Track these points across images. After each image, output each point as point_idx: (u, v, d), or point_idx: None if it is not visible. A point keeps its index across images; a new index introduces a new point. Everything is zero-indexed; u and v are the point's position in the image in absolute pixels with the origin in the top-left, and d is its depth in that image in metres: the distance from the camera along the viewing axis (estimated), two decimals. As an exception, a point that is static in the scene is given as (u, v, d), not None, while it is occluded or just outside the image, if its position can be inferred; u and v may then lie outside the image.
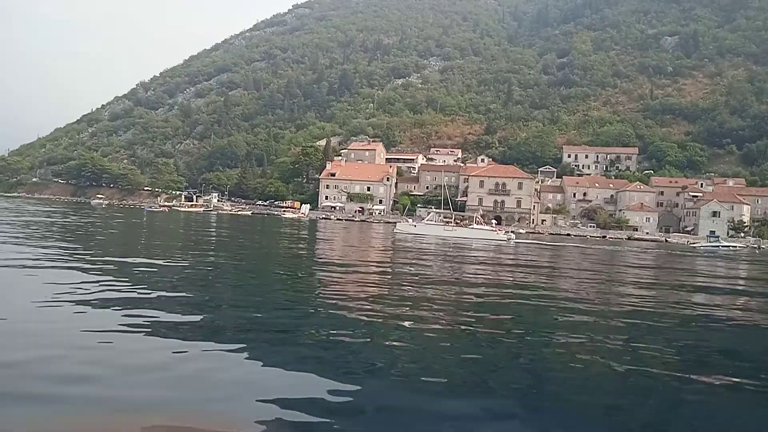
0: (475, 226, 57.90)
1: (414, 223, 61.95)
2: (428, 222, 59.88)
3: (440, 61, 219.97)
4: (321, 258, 23.07)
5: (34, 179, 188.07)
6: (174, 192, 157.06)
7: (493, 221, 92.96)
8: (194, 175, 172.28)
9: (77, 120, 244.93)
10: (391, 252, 29.20)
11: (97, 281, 11.23)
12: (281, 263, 20.46)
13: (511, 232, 61.22)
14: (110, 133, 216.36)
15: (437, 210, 73.51)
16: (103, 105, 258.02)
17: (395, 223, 76.03)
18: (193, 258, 18.89)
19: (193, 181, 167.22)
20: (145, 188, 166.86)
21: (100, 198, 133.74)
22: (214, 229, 43.48)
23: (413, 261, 22.98)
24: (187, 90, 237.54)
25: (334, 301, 10.82)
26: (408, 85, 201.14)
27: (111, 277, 12.06)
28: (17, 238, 21.37)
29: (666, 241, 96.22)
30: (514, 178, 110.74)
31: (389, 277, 16.91)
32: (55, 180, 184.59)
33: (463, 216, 67.34)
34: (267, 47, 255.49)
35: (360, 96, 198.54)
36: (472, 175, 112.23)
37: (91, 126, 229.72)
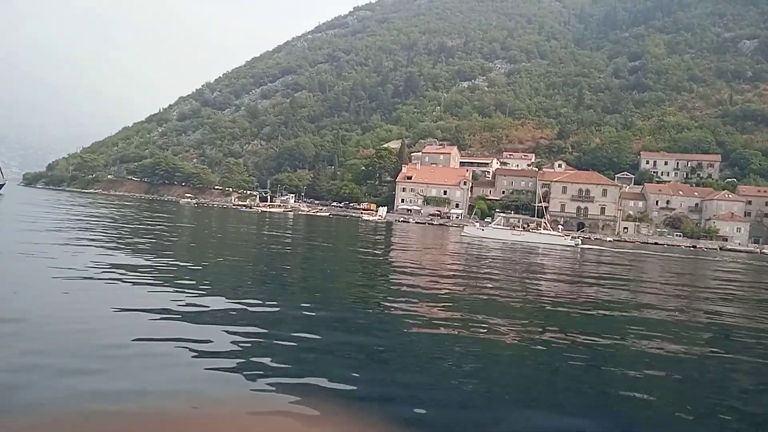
0: (542, 230, 58.19)
1: (481, 227, 63.22)
2: (495, 226, 60.03)
3: (506, 63, 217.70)
4: (408, 267, 22.46)
5: (109, 176, 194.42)
6: (245, 192, 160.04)
7: (565, 227, 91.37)
8: (263, 175, 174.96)
9: (146, 120, 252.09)
10: (465, 259, 28.62)
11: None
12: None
13: (579, 238, 60.46)
14: (179, 133, 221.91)
15: (504, 215, 73.29)
16: (170, 105, 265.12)
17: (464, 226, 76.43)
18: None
19: (263, 181, 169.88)
20: (216, 187, 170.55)
21: (189, 197, 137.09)
22: (317, 232, 43.76)
23: (487, 268, 22.43)
24: (253, 91, 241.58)
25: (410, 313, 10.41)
26: (474, 88, 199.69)
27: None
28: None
29: (761, 252, 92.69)
30: (598, 184, 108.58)
31: (465, 284, 16.28)
32: (129, 177, 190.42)
33: (529, 221, 66.53)
34: (330, 49, 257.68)
35: (426, 99, 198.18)
36: (555, 181, 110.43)
37: (160, 125, 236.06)
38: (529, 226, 61.82)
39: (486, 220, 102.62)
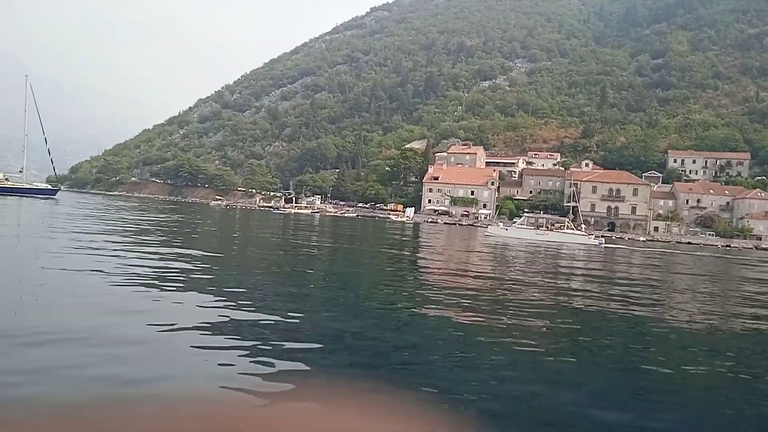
0: (566, 230, 58.04)
1: (505, 227, 62.80)
2: (519, 226, 59.95)
3: (526, 63, 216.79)
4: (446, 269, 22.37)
5: (133, 178, 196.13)
6: (269, 193, 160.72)
7: (596, 227, 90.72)
8: (286, 176, 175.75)
9: (167, 122, 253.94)
10: (501, 259, 28.42)
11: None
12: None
13: (602, 236, 60.35)
14: (200, 135, 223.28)
15: (528, 215, 73.27)
16: (189, 107, 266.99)
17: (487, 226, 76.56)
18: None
19: (285, 182, 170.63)
20: (239, 188, 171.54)
21: (219, 200, 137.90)
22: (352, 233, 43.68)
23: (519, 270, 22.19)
24: (273, 93, 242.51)
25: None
26: (495, 87, 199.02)
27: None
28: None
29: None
30: (629, 184, 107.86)
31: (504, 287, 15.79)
32: (153, 179, 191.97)
33: (553, 221, 66.25)
34: (348, 50, 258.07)
35: (446, 98, 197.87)
36: (584, 180, 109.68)
37: (181, 128, 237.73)
38: (553, 225, 61.92)
39: (513, 220, 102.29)
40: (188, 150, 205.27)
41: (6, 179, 69.06)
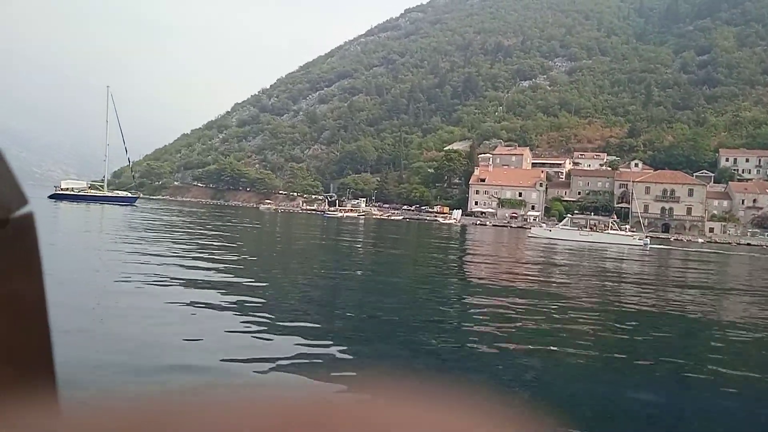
0: (609, 230, 57.68)
1: (549, 228, 63.62)
2: (563, 227, 59.40)
3: (566, 61, 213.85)
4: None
5: (175, 183, 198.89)
6: (311, 196, 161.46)
7: (650, 228, 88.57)
8: (326, 179, 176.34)
9: (206, 126, 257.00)
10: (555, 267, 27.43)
11: None
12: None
13: (647, 237, 59.02)
14: (240, 139, 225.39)
15: (572, 216, 72.09)
16: (227, 112, 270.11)
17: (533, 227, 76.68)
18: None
19: (326, 185, 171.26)
20: (281, 191, 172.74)
21: (269, 203, 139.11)
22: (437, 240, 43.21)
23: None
24: (310, 96, 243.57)
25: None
26: (536, 87, 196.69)
27: None
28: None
29: None
30: (684, 184, 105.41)
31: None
32: (195, 183, 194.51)
33: (597, 221, 64.94)
34: (384, 52, 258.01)
35: (486, 99, 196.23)
36: (637, 181, 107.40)
37: (220, 132, 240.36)
38: (596, 226, 61.15)
39: (556, 222, 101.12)
40: (228, 154, 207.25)
41: (90, 187, 72.07)
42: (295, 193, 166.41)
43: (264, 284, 11.96)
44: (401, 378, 4.93)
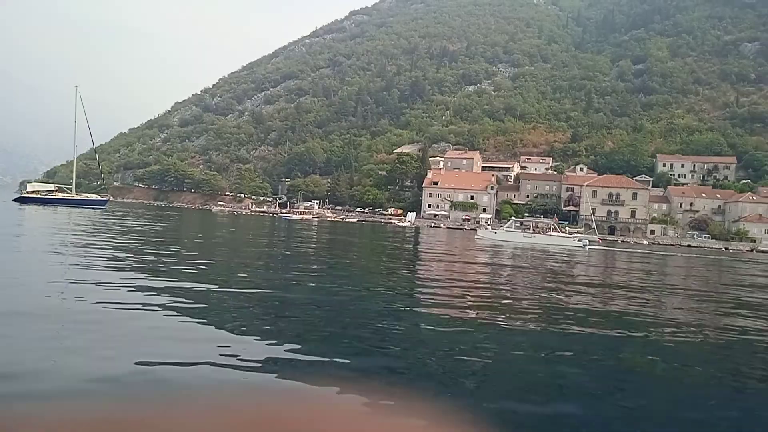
0: (551, 233, 60.21)
1: (494, 230, 65.55)
2: (507, 229, 62.00)
3: (509, 67, 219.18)
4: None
5: (115, 183, 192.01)
6: (258, 198, 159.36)
7: (596, 231, 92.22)
8: (274, 180, 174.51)
9: (146, 125, 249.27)
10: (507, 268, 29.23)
11: None
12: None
13: (587, 239, 62.42)
14: (183, 139, 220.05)
15: (516, 218, 75.13)
16: (168, 111, 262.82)
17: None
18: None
19: (274, 186, 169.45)
20: (227, 193, 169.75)
21: (222, 205, 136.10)
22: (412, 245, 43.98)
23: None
24: (256, 96, 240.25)
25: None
26: (481, 92, 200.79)
27: None
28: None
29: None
30: (628, 188, 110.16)
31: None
32: (137, 184, 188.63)
33: (539, 223, 68.33)
34: (330, 54, 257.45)
35: (433, 103, 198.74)
36: (585, 185, 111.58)
37: (162, 132, 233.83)
38: (539, 228, 63.89)
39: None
40: (171, 154, 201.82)
41: (57, 191, 69.30)
42: (243, 195, 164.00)
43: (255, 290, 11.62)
44: (348, 382, 5.20)
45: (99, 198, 71.76)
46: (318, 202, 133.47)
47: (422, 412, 4.04)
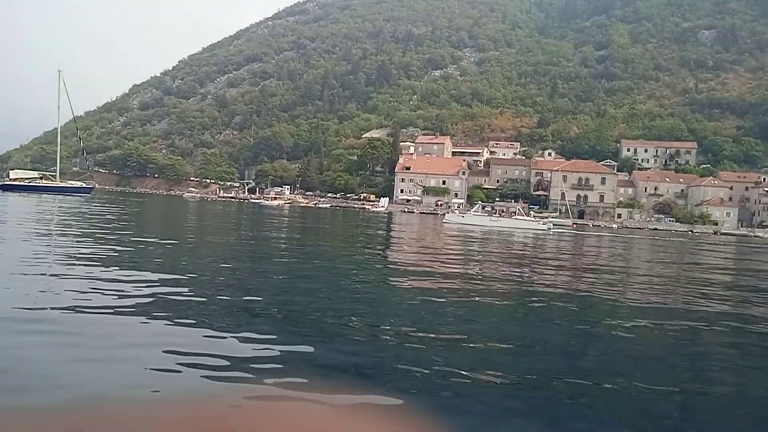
0: (517, 216, 61.83)
1: (461, 215, 66.47)
2: (475, 213, 63.41)
3: (475, 52, 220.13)
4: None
5: (74, 168, 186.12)
6: (225, 183, 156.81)
7: (566, 215, 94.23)
8: (240, 165, 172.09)
9: (104, 108, 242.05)
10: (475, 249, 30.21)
11: None
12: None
13: (551, 222, 64.22)
14: (143, 123, 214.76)
15: (482, 203, 77.22)
16: (125, 93, 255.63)
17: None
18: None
19: (241, 171, 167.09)
20: (192, 178, 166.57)
21: (193, 191, 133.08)
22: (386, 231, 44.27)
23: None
24: (218, 79, 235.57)
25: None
26: (447, 76, 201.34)
27: None
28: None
29: (755, 236, 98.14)
30: (597, 173, 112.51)
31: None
32: (97, 169, 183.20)
33: (506, 207, 70.59)
34: (294, 37, 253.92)
35: (400, 87, 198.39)
36: (555, 170, 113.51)
37: (121, 115, 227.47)
38: (505, 212, 65.35)
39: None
40: (132, 138, 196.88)
41: (41, 178, 69.20)
42: (209, 180, 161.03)
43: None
44: (317, 379, 5.02)
45: (84, 185, 69.72)
46: (288, 187, 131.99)
47: (391, 410, 4.00)
